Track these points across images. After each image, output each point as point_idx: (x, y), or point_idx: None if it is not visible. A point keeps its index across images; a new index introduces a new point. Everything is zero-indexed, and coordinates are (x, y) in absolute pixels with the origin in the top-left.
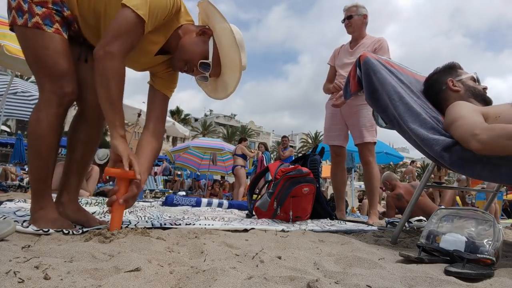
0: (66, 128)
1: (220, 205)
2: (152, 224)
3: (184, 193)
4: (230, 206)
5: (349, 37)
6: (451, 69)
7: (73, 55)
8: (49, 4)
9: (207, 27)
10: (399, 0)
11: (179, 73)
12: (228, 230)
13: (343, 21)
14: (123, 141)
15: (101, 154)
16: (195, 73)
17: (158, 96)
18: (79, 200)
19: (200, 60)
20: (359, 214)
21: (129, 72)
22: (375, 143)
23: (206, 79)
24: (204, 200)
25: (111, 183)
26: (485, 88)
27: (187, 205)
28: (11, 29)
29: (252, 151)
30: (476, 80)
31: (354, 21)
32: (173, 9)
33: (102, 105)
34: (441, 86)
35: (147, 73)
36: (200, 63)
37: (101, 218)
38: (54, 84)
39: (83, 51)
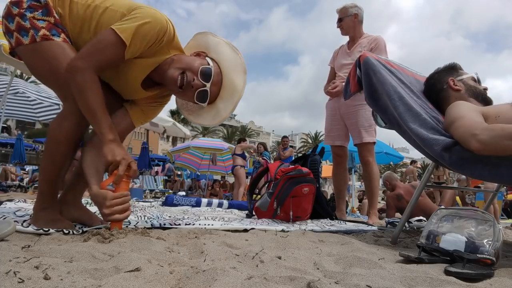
0: None
1: (220, 205)
2: (152, 224)
3: (184, 193)
4: (230, 206)
5: (347, 38)
6: (452, 69)
7: None
8: (51, 20)
9: (202, 51)
10: (400, 2)
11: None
12: (228, 230)
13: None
14: (116, 144)
15: None
16: (194, 84)
17: (126, 122)
18: None
19: (202, 66)
20: (359, 214)
21: None
22: (374, 143)
23: (204, 98)
24: (204, 200)
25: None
26: (485, 89)
27: (187, 205)
28: (12, 54)
29: (251, 146)
30: (476, 80)
31: (345, 23)
32: (164, 38)
33: (85, 116)
34: (442, 85)
35: None
36: (202, 68)
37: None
38: None
39: None
